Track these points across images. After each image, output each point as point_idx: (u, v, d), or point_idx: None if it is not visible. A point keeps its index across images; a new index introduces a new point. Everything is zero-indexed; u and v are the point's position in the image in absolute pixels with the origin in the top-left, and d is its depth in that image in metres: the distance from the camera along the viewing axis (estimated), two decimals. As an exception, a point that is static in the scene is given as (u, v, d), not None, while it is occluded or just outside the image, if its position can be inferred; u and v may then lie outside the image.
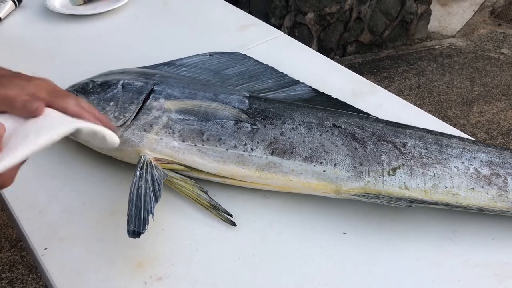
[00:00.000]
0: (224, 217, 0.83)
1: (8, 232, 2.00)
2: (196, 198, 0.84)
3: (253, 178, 0.85)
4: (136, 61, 1.13)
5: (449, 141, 0.86)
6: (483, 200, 0.80)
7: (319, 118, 0.88)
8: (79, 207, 0.85)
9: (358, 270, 0.76)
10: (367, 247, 0.80)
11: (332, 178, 0.83)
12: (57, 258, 0.77)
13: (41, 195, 0.88)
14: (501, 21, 3.57)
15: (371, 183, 0.81)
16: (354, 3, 3.02)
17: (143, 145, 0.86)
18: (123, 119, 0.88)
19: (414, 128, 0.89)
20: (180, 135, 0.86)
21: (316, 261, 0.78)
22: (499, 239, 0.81)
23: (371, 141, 0.85)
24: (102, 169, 0.92)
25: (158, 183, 0.81)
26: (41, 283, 1.80)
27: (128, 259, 0.77)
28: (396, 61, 3.18)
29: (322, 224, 0.83)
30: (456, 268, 0.77)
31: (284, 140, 0.85)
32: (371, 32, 3.22)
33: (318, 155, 0.84)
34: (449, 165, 0.82)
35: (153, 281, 0.74)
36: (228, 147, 0.85)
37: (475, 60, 3.16)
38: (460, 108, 2.74)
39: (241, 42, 1.31)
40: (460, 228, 0.83)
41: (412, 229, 0.83)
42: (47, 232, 0.81)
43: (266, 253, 0.79)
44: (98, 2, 1.53)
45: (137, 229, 0.73)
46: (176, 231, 0.82)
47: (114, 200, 0.86)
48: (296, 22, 2.97)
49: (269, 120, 0.88)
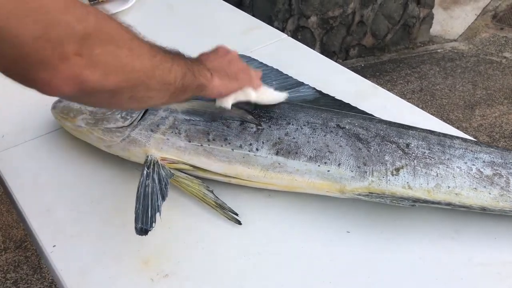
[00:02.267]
0: (230, 216, 0.84)
1: (13, 232, 2.01)
2: (202, 197, 0.86)
3: (258, 177, 0.86)
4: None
5: (451, 142, 0.87)
6: (485, 200, 0.81)
7: (323, 119, 0.89)
8: (87, 206, 0.87)
9: (362, 268, 0.77)
10: (370, 246, 0.81)
11: (336, 178, 0.84)
12: (65, 255, 0.78)
13: (49, 194, 0.89)
14: (503, 25, 3.58)
15: (375, 183, 0.82)
16: (357, 6, 3.03)
17: (150, 145, 0.88)
18: (130, 119, 0.90)
19: (417, 129, 0.90)
20: (186, 135, 0.88)
21: (320, 259, 0.79)
22: (502, 238, 0.82)
23: (374, 141, 0.86)
24: (109, 169, 0.93)
25: (164, 182, 0.82)
26: (46, 283, 1.81)
27: (135, 256, 0.78)
28: (398, 64, 3.19)
29: (326, 223, 0.84)
30: (459, 266, 0.78)
31: (289, 141, 0.86)
32: (373, 36, 3.23)
33: (323, 155, 0.85)
34: (452, 165, 0.83)
35: (160, 278, 0.75)
36: (234, 147, 0.87)
37: (477, 64, 3.17)
38: (462, 112, 2.75)
39: (246, 44, 1.32)
40: (463, 227, 0.84)
41: (415, 228, 0.84)
42: (55, 230, 0.82)
43: (271, 251, 0.80)
44: (104, 4, 1.55)
45: (144, 226, 0.75)
46: (182, 229, 0.83)
47: (121, 198, 0.88)
48: (299, 25, 2.99)
49: (274, 120, 0.89)
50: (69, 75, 0.52)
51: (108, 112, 0.91)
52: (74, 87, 0.53)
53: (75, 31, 0.51)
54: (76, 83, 0.53)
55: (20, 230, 2.00)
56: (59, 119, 0.98)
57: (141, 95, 0.63)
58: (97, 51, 0.53)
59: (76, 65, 0.51)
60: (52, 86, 0.52)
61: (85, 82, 0.53)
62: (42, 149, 0.99)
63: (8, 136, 1.02)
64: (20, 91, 1.27)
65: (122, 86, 0.58)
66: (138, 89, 0.61)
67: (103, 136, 0.90)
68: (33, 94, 0.54)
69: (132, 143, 0.88)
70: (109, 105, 0.70)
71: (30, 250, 1.93)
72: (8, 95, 1.14)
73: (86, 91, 0.54)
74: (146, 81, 0.61)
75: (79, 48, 0.51)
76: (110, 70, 0.55)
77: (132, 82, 0.59)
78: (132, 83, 0.59)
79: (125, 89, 0.59)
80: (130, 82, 0.59)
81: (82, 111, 0.93)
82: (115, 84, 0.56)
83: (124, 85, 0.58)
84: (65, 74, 0.51)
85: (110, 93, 0.58)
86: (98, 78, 0.54)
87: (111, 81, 0.56)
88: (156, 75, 0.63)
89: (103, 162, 0.94)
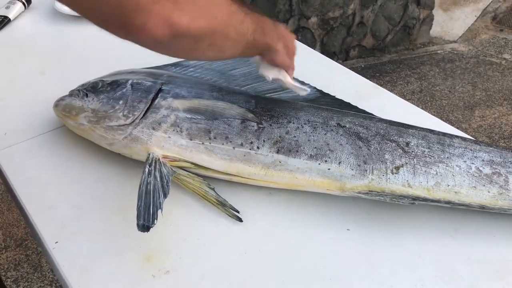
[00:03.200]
0: (231, 213, 0.84)
1: (14, 231, 2.01)
2: (204, 195, 0.86)
3: (259, 175, 0.87)
4: (144, 62, 1.15)
5: (451, 141, 0.88)
6: (484, 198, 0.82)
7: (324, 118, 0.90)
8: (88, 203, 0.87)
9: (362, 265, 0.78)
10: (370, 243, 0.82)
11: (337, 176, 0.84)
12: (67, 252, 0.79)
13: (51, 191, 0.90)
14: (503, 27, 3.59)
15: (375, 181, 0.83)
16: (357, 7, 3.05)
17: (151, 142, 0.88)
18: (132, 117, 0.90)
19: (417, 128, 0.91)
20: (188, 133, 0.88)
21: (321, 256, 0.79)
22: (500, 236, 0.83)
23: (375, 140, 0.87)
24: (111, 166, 0.94)
25: (166, 179, 0.83)
26: (46, 281, 1.82)
27: (137, 253, 0.79)
28: (398, 65, 3.20)
29: (327, 221, 0.85)
30: (458, 264, 0.78)
31: (290, 139, 0.87)
32: (373, 37, 3.24)
33: (323, 154, 0.85)
34: (451, 164, 0.84)
35: (161, 274, 0.76)
36: (235, 145, 0.87)
37: (477, 65, 3.18)
38: (462, 112, 2.76)
39: (247, 44, 1.33)
40: (462, 225, 0.84)
41: (415, 226, 0.84)
42: (57, 226, 0.83)
43: (272, 249, 0.80)
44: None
45: (146, 223, 0.75)
46: (183, 226, 0.84)
47: (123, 196, 0.88)
48: (299, 26, 3.00)
49: (275, 119, 0.90)
50: (162, 18, 0.57)
51: (110, 110, 0.92)
52: (166, 30, 0.58)
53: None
54: (167, 25, 0.58)
55: (21, 228, 2.01)
56: (61, 117, 0.98)
57: (220, 43, 0.69)
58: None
59: (166, 8, 0.57)
60: (146, 30, 0.57)
61: (175, 24, 0.58)
62: (45, 147, 0.99)
63: (10, 133, 1.02)
64: (22, 90, 1.28)
65: (205, 32, 0.63)
66: (217, 37, 0.67)
67: (105, 134, 0.91)
68: (35, 92, 0.55)
69: (134, 141, 0.89)
70: (191, 52, 0.73)
71: (31, 248, 1.94)
72: (11, 93, 1.15)
73: (175, 35, 0.60)
74: (224, 29, 0.67)
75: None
76: (195, 15, 0.61)
77: (212, 29, 0.65)
78: (213, 29, 0.65)
79: (207, 36, 0.65)
80: (211, 29, 0.64)
81: (84, 109, 0.94)
82: (199, 28, 0.62)
83: (206, 31, 0.63)
84: (158, 17, 0.57)
85: (194, 38, 0.63)
86: (185, 22, 0.59)
87: (196, 25, 0.61)
88: (232, 24, 0.69)
89: (105, 160, 0.95)
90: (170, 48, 0.65)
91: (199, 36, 0.63)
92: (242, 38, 0.72)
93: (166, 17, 0.57)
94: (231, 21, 0.68)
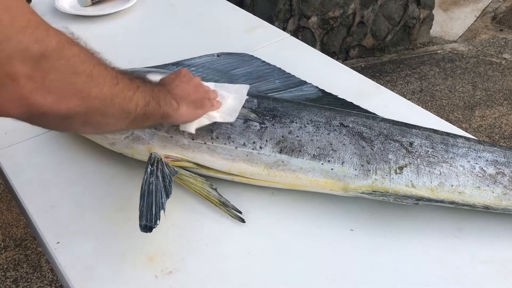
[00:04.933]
0: (233, 214, 0.84)
1: (13, 231, 2.00)
2: (206, 195, 0.86)
3: (262, 175, 0.87)
4: (145, 61, 1.15)
5: (455, 141, 0.88)
6: (488, 199, 0.81)
7: (327, 117, 0.90)
8: (90, 203, 0.87)
9: (365, 266, 0.78)
10: (374, 243, 0.81)
11: (340, 176, 0.84)
12: (69, 252, 0.78)
13: (53, 191, 0.89)
14: (503, 27, 3.59)
15: (378, 181, 0.83)
16: (357, 7, 3.04)
17: (153, 142, 0.88)
18: (134, 117, 0.89)
19: (420, 127, 0.90)
20: (190, 133, 0.88)
21: (324, 257, 0.79)
22: (504, 236, 0.82)
23: (378, 140, 0.86)
24: (113, 166, 0.93)
25: (168, 179, 0.82)
26: (46, 281, 1.81)
27: (139, 253, 0.78)
28: (398, 65, 3.19)
29: (330, 221, 0.85)
30: (462, 264, 0.78)
31: (293, 139, 0.87)
32: (373, 37, 3.23)
33: (326, 154, 0.85)
34: (455, 164, 0.84)
35: (164, 274, 0.75)
36: (237, 145, 0.87)
37: (477, 65, 3.18)
38: (462, 112, 2.76)
39: (248, 43, 1.32)
40: (466, 225, 0.84)
41: (419, 226, 0.84)
42: (59, 226, 0.82)
43: (275, 249, 0.80)
44: (106, 3, 1.55)
45: (148, 223, 0.75)
46: (186, 226, 0.83)
47: (125, 196, 0.88)
48: (299, 25, 2.99)
49: (277, 119, 0.89)
50: (16, 97, 0.51)
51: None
52: (21, 109, 0.52)
53: (30, 52, 0.50)
54: (23, 106, 0.52)
55: (20, 228, 2.00)
56: (62, 117, 0.97)
57: (96, 120, 0.63)
58: (52, 76, 0.53)
59: (25, 87, 0.51)
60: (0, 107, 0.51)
61: (34, 105, 0.52)
62: (46, 147, 0.99)
63: (11, 133, 1.02)
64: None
65: (76, 112, 0.58)
66: (93, 115, 0.61)
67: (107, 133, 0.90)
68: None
69: (135, 141, 0.88)
70: (63, 127, 0.70)
71: (30, 248, 1.93)
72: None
73: (35, 114, 0.54)
74: (103, 108, 0.62)
75: (32, 70, 0.51)
76: (63, 96, 0.55)
77: (86, 108, 0.59)
78: (87, 109, 0.59)
79: (78, 114, 0.59)
80: (84, 108, 0.59)
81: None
82: (67, 109, 0.56)
83: (77, 110, 0.58)
84: (12, 95, 0.51)
85: (60, 117, 0.57)
86: (49, 103, 0.53)
87: (63, 106, 0.55)
88: (115, 103, 0.63)
89: (107, 159, 0.94)
90: (37, 123, 0.59)
91: (67, 115, 0.57)
92: (127, 116, 0.66)
93: (22, 96, 0.51)
94: (114, 100, 0.62)
